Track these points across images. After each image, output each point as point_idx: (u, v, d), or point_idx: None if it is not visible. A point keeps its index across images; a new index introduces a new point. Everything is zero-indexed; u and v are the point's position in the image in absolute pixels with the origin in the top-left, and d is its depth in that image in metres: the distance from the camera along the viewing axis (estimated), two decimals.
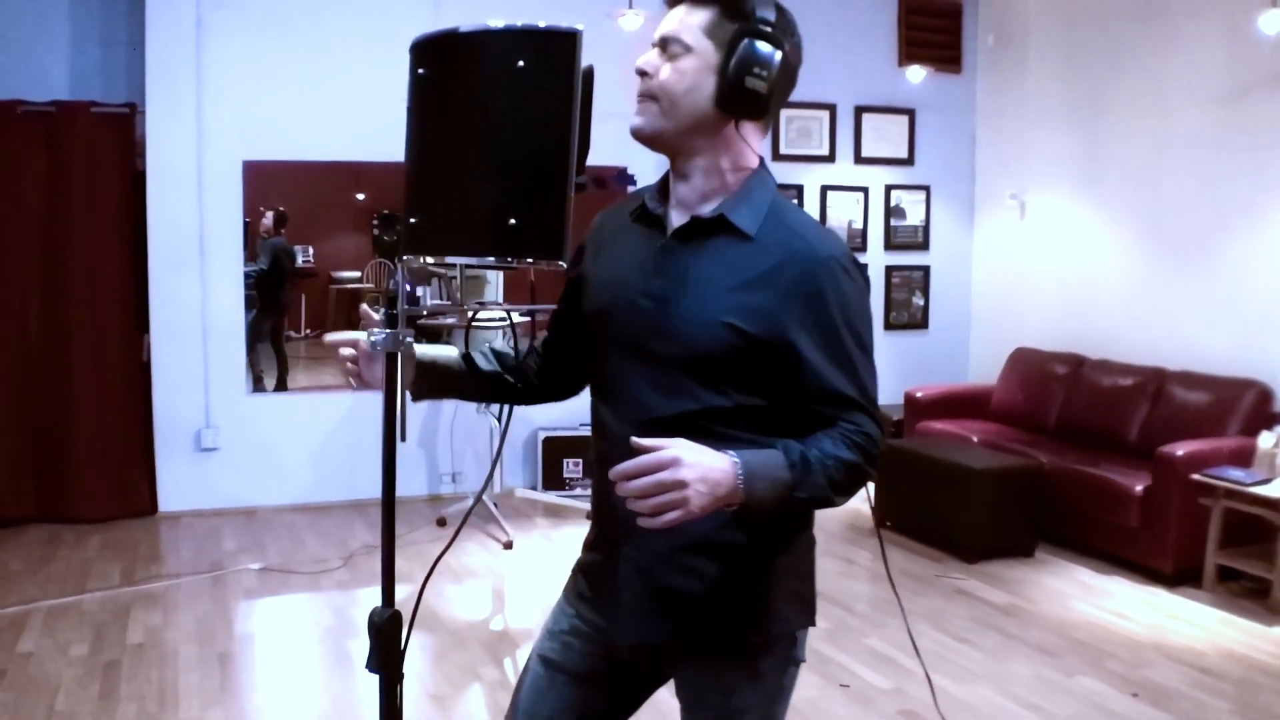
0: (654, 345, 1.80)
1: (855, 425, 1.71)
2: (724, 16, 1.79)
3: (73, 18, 6.46)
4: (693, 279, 1.79)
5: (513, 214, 1.62)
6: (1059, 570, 5.79)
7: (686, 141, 1.82)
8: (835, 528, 6.48)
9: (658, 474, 1.55)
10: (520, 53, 1.61)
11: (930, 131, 8.15)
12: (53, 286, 6.25)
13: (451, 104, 1.69)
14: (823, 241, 1.77)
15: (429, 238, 1.72)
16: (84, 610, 4.95)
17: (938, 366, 8.18)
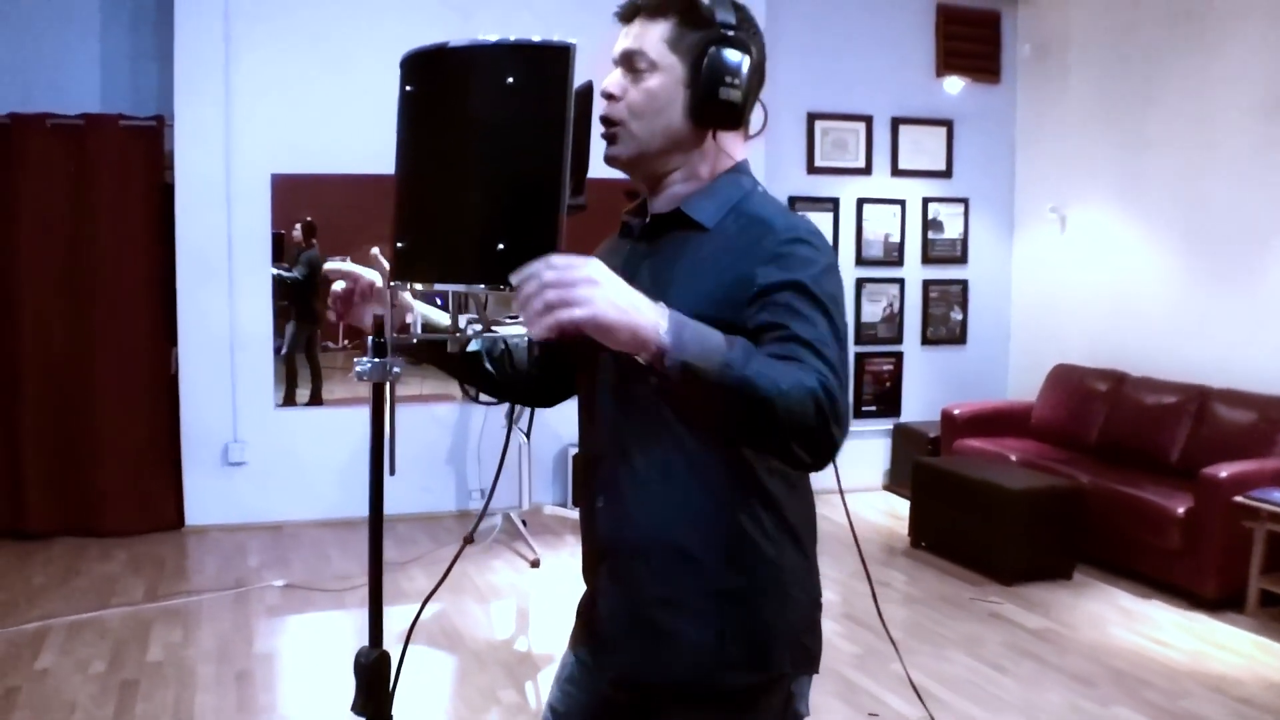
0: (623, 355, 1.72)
1: (814, 366, 1.48)
2: (684, 26, 1.71)
3: (103, 32, 6.46)
4: (650, 277, 1.71)
5: (502, 238, 1.53)
6: (1098, 594, 5.64)
7: (665, 160, 1.75)
8: (868, 548, 6.35)
9: (566, 270, 1.36)
10: (510, 69, 1.52)
11: (969, 143, 8.01)
12: (81, 299, 6.25)
13: (439, 122, 1.60)
14: (784, 221, 1.67)
15: (415, 263, 1.64)
16: (105, 626, 4.92)
17: (976, 383, 8.04)
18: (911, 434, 7.66)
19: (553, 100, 1.51)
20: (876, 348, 7.96)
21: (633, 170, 1.77)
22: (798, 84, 7.53)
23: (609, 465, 1.78)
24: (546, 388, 2.04)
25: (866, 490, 7.83)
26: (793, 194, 7.61)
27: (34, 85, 6.26)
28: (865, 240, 7.86)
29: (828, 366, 1.49)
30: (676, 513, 1.67)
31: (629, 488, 1.73)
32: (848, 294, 7.62)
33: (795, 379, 1.43)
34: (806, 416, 1.41)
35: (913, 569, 6.02)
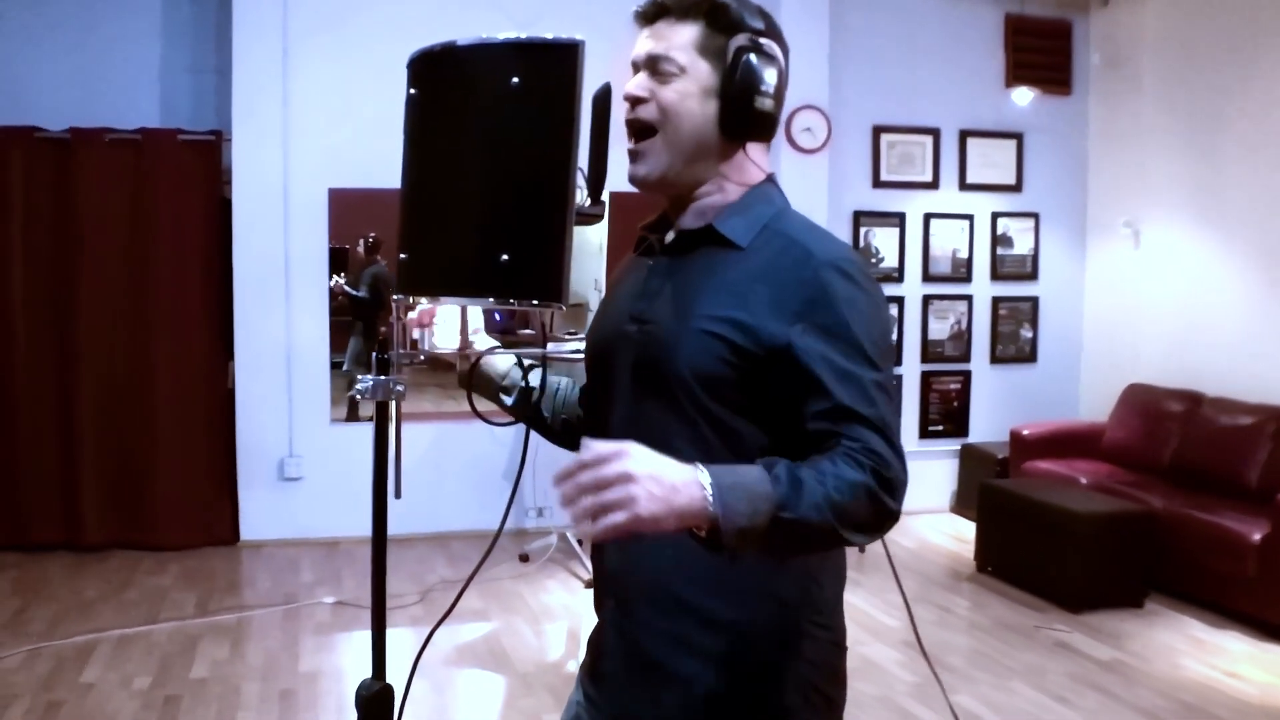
0: (641, 374, 1.61)
1: (860, 441, 1.42)
2: (713, 30, 1.60)
3: (163, 46, 6.49)
4: (676, 295, 1.60)
5: (505, 249, 1.43)
6: (1169, 623, 5.41)
7: (692, 174, 1.64)
8: (932, 572, 6.17)
9: (599, 468, 1.29)
10: (515, 68, 1.44)
11: (1039, 156, 7.80)
12: (138, 313, 6.27)
13: (443, 127, 1.52)
14: (821, 244, 1.56)
15: (420, 276, 1.55)
16: (152, 641, 4.89)
17: (1046, 403, 7.80)
18: (979, 455, 7.46)
19: (560, 101, 1.42)
20: (944, 366, 7.77)
21: (660, 190, 1.66)
22: (863, 96, 7.38)
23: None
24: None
25: (933, 512, 7.62)
26: (858, 208, 7.46)
27: (94, 100, 6.30)
28: (932, 256, 7.67)
29: (876, 434, 1.44)
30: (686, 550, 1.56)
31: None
32: (914, 312, 7.58)
33: (847, 483, 1.39)
34: (862, 514, 1.40)
35: (977, 594, 5.83)
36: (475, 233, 1.47)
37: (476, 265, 1.47)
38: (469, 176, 1.48)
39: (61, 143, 6.13)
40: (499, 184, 1.45)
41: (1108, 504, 5.82)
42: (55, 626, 5.03)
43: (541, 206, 1.43)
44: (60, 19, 6.36)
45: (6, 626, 5.02)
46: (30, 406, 6.19)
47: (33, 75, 6.33)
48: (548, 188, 1.42)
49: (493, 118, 1.45)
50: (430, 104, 1.52)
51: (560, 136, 1.42)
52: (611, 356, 1.68)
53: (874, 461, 1.41)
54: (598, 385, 1.73)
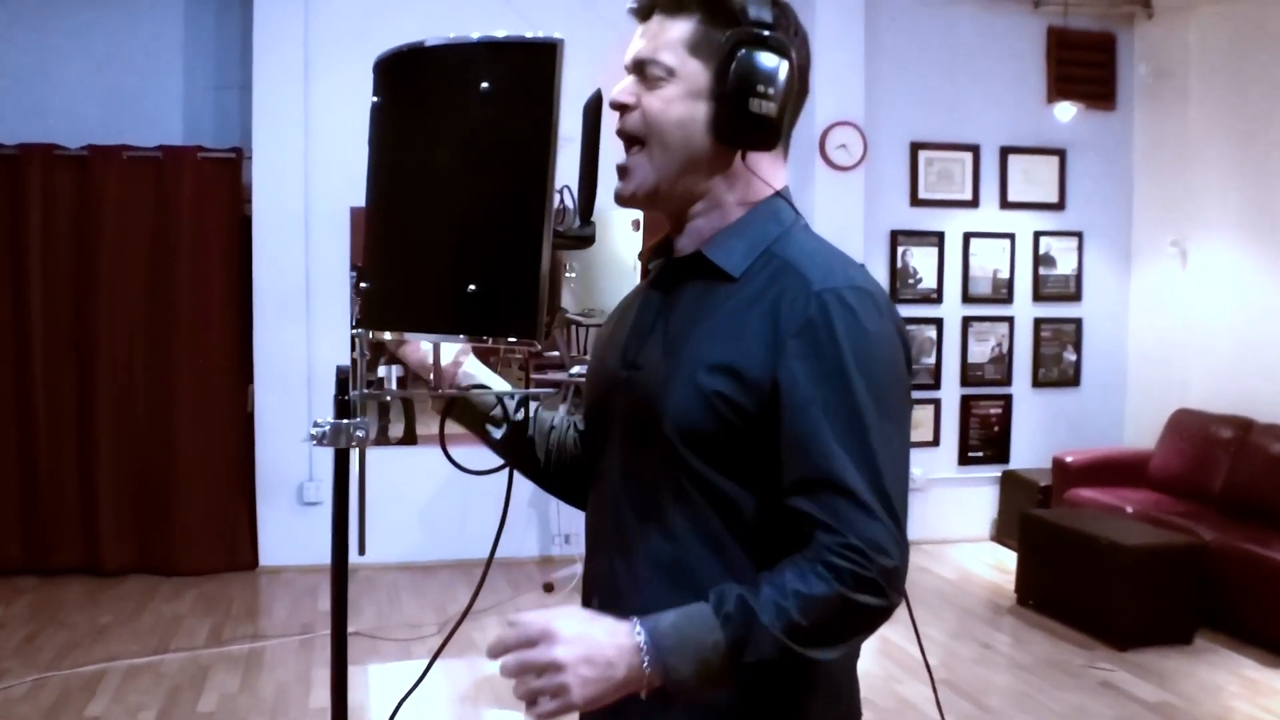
0: (633, 425, 1.44)
1: (838, 532, 1.25)
2: (709, 25, 1.41)
3: (186, 62, 6.40)
4: (666, 336, 1.43)
5: (473, 278, 1.26)
6: (1220, 661, 5.15)
7: (685, 189, 1.45)
8: (972, 604, 5.94)
9: (525, 654, 1.20)
10: (485, 71, 1.25)
11: (1082, 173, 7.56)
12: (158, 335, 6.16)
13: (408, 139, 1.34)
14: (822, 270, 1.37)
15: (384, 308, 1.38)
16: (162, 671, 4.76)
17: (1090, 428, 7.54)
18: (1021, 482, 7.21)
19: (535, 108, 1.24)
20: (984, 390, 7.53)
21: (649, 208, 1.49)
22: (900, 112, 7.18)
23: (606, 560, 1.49)
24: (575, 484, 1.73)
25: (973, 541, 7.38)
26: (895, 227, 7.26)
27: (116, 116, 6.22)
28: (972, 276, 7.45)
29: (863, 513, 1.26)
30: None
31: (627, 589, 1.44)
32: (953, 334, 7.35)
33: (814, 601, 1.24)
34: (834, 630, 1.27)
35: (1019, 630, 5.59)
36: (441, 260, 1.30)
37: (442, 297, 1.29)
38: (435, 196, 1.30)
39: (80, 160, 6.05)
40: (466, 204, 1.28)
41: (1155, 535, 5.58)
42: (65, 654, 4.91)
43: (514, 229, 1.25)
44: (82, 36, 6.28)
45: (16, 653, 4.91)
46: (49, 428, 6.09)
47: (55, 93, 6.25)
48: (521, 208, 1.24)
49: (460, 128, 1.28)
50: (395, 112, 1.35)
51: (535, 149, 1.24)
52: (607, 402, 1.52)
53: (853, 560, 1.24)
54: (595, 431, 1.56)
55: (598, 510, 1.55)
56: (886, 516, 1.27)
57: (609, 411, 1.51)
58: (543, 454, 1.73)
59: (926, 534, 7.25)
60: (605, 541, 1.51)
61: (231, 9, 6.43)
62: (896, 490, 1.29)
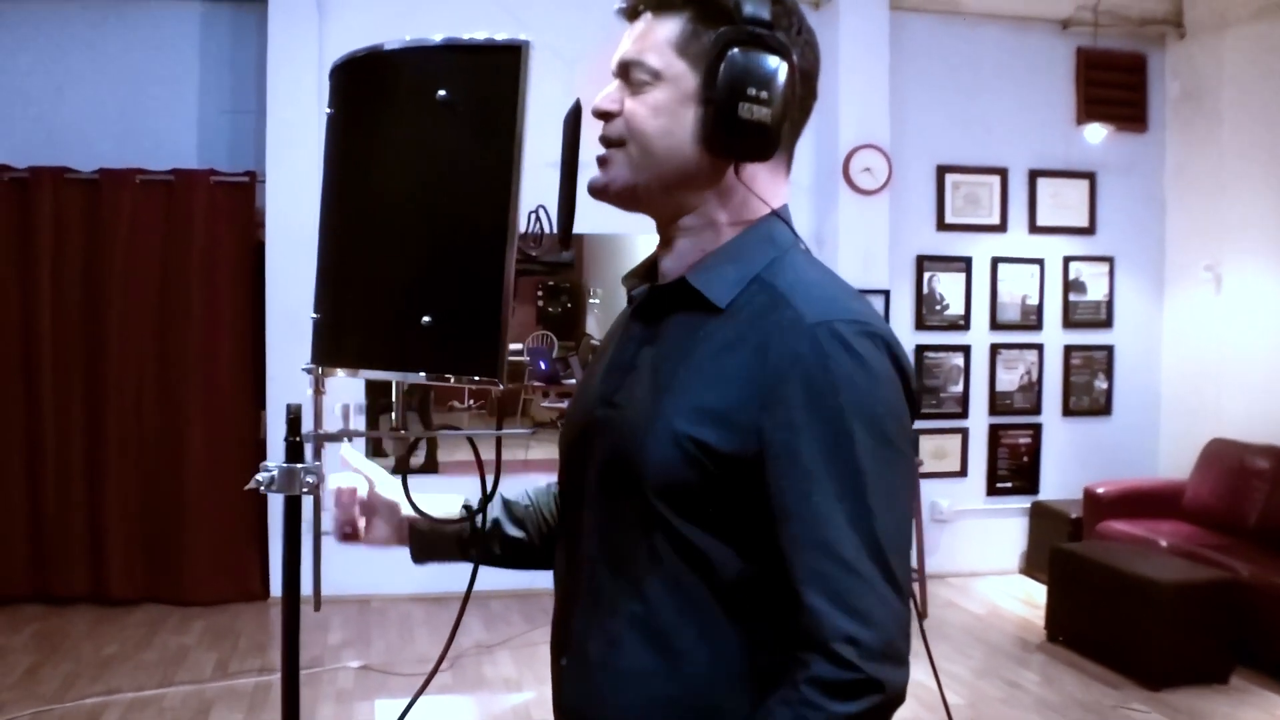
0: (610, 471, 1.30)
1: (823, 637, 1.13)
2: (699, 24, 1.28)
3: (201, 86, 6.35)
4: (648, 373, 1.29)
5: (427, 309, 1.13)
6: (1257, 701, 4.95)
7: (669, 199, 1.32)
8: (999, 640, 5.75)
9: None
10: (442, 78, 1.12)
11: (1113, 197, 7.39)
12: (169, 360, 6.08)
13: (362, 154, 1.22)
14: (817, 304, 1.23)
15: (335, 343, 1.25)
16: (164, 706, 4.64)
17: (1122, 458, 7.33)
18: (1051, 513, 7.02)
19: (497, 119, 1.11)
20: (1013, 419, 7.35)
21: (627, 204, 1.34)
22: (926, 134, 7.04)
23: (578, 620, 1.36)
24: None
25: (1001, 574, 7.18)
26: (921, 252, 7.10)
27: (130, 140, 6.16)
28: (1000, 303, 7.28)
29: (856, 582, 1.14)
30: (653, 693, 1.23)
31: (599, 656, 1.30)
32: (981, 361, 7.18)
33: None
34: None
35: (1048, 668, 5.39)
36: (394, 289, 1.17)
37: (395, 330, 1.16)
38: (388, 217, 1.17)
39: (92, 183, 5.98)
40: (422, 226, 1.15)
41: (1189, 570, 5.39)
42: (68, 687, 4.79)
43: (473, 255, 1.12)
44: (97, 59, 6.24)
45: (18, 685, 4.81)
46: (57, 453, 6.01)
47: (69, 116, 6.21)
48: (481, 231, 1.11)
49: (416, 141, 1.15)
50: (348, 124, 1.23)
51: (497, 164, 1.11)
52: (582, 444, 1.38)
53: (848, 665, 1.12)
54: (569, 477, 1.42)
55: (568, 565, 1.42)
56: (885, 586, 1.13)
57: (585, 456, 1.37)
58: (537, 537, 1.61)
59: (953, 567, 7.08)
60: (575, 601, 1.38)
61: (247, 33, 6.37)
62: (896, 554, 1.16)
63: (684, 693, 1.22)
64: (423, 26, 4.94)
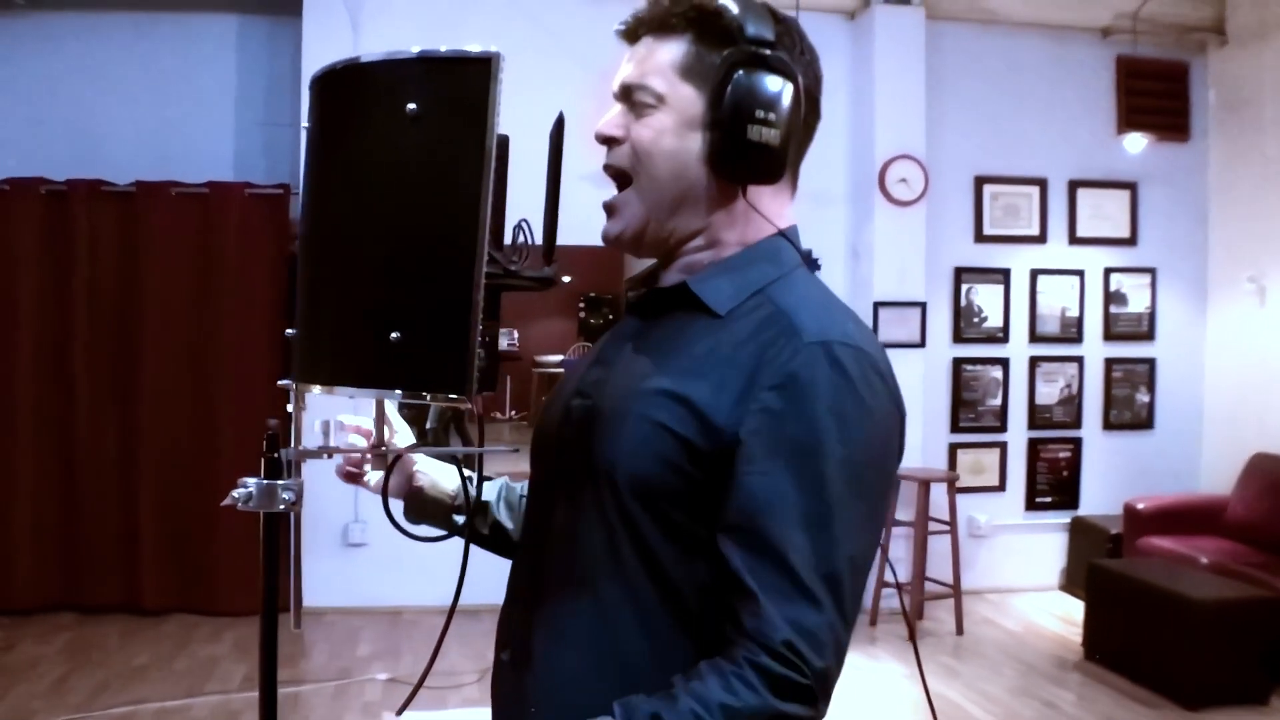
0: (578, 462, 1.27)
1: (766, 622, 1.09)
2: (703, 46, 1.27)
3: (237, 99, 6.41)
4: (629, 365, 1.28)
5: (396, 325, 1.11)
6: None
7: (677, 228, 1.31)
8: (1035, 658, 5.65)
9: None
10: (411, 92, 1.10)
11: (1155, 207, 7.28)
12: (202, 371, 6.11)
13: (336, 168, 1.20)
14: (815, 320, 1.20)
15: (311, 359, 1.23)
16: (192, 716, 4.66)
17: (1163, 473, 7.21)
18: (1090, 529, 6.91)
19: (466, 132, 1.08)
20: (1052, 433, 7.24)
21: (638, 252, 1.35)
22: (964, 145, 6.97)
23: (523, 614, 1.34)
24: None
25: (1039, 590, 7.07)
26: (959, 264, 7.03)
27: (166, 153, 6.23)
28: (1040, 315, 7.19)
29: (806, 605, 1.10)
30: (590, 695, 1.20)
31: (541, 653, 1.28)
32: (1019, 374, 7.08)
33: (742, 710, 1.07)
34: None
35: (1084, 687, 5.30)
36: (365, 305, 1.15)
37: (365, 346, 1.14)
38: (360, 232, 1.15)
39: (127, 196, 6.04)
40: (392, 241, 1.13)
41: (1229, 588, 5.28)
42: (96, 696, 4.82)
43: (443, 270, 1.09)
44: (134, 73, 6.33)
45: (48, 694, 4.84)
46: (91, 465, 6.06)
47: (106, 129, 6.29)
48: (451, 245, 1.09)
49: (387, 155, 1.13)
50: (324, 138, 1.21)
51: (466, 178, 1.08)
52: (553, 438, 1.37)
53: (788, 663, 1.08)
54: (540, 475, 1.41)
55: (523, 557, 1.41)
56: (832, 608, 1.10)
57: (557, 447, 1.36)
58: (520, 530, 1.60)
59: (991, 583, 6.99)
60: (523, 594, 1.37)
61: (282, 46, 6.42)
62: (850, 582, 1.12)
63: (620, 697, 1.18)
64: (455, 39, 4.96)
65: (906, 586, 6.18)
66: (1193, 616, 5.03)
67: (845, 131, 6.79)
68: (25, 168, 6.08)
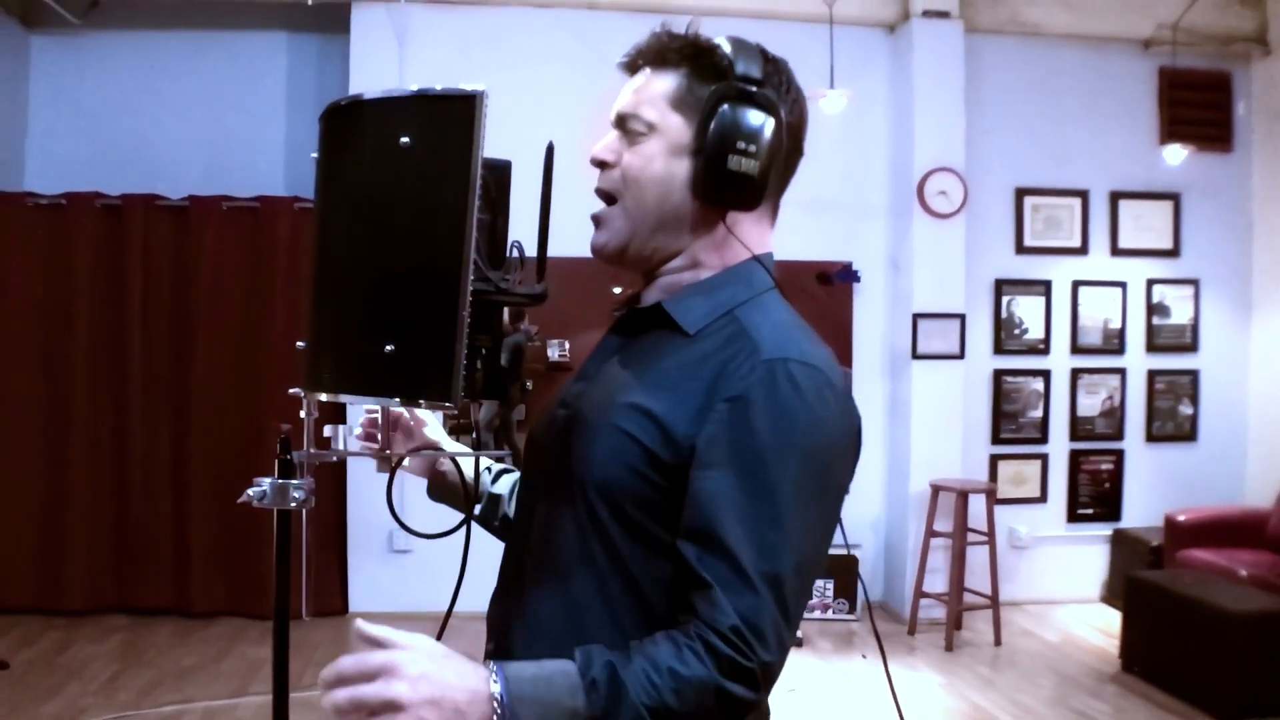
0: (558, 469, 1.37)
1: (723, 615, 1.16)
2: (695, 80, 1.37)
3: (287, 115, 6.61)
4: (607, 380, 1.37)
5: (390, 338, 1.21)
6: None
7: (659, 247, 1.41)
8: (1073, 669, 5.66)
9: (362, 686, 1.08)
10: (405, 127, 1.21)
11: (1198, 218, 7.25)
12: (252, 380, 6.26)
13: (340, 195, 1.31)
14: (775, 341, 1.29)
15: (318, 369, 1.34)
16: (238, 715, 4.80)
17: (1206, 486, 7.18)
18: (1131, 541, 6.90)
19: (453, 162, 1.19)
20: (1094, 444, 7.23)
21: (622, 263, 1.44)
22: (1004, 157, 6.99)
23: (506, 607, 1.46)
24: None
25: (1081, 603, 7.06)
26: (1000, 276, 7.04)
27: (218, 168, 6.44)
28: (1081, 326, 7.18)
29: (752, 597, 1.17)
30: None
31: (518, 638, 1.40)
32: (1061, 386, 7.07)
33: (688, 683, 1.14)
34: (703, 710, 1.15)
35: (1120, 699, 5.30)
36: (364, 319, 1.26)
37: (364, 357, 1.25)
38: (360, 253, 1.27)
39: (180, 210, 6.23)
40: (387, 261, 1.24)
41: (1267, 601, 5.24)
42: (146, 694, 4.98)
43: (431, 287, 1.20)
44: (186, 90, 6.55)
45: (100, 691, 5.00)
46: (144, 473, 6.26)
47: (161, 145, 6.51)
48: (438, 265, 1.20)
49: (383, 183, 1.24)
50: (330, 168, 1.32)
51: (453, 204, 1.19)
52: (540, 445, 1.48)
53: (736, 647, 1.16)
54: (527, 477, 1.52)
55: (509, 552, 1.53)
56: (774, 604, 1.18)
57: (541, 452, 1.47)
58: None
59: (1031, 594, 6.99)
60: (507, 587, 1.49)
61: (331, 63, 6.60)
62: (795, 582, 1.20)
63: None
64: (498, 55, 5.14)
65: (943, 596, 6.21)
66: (1229, 629, 5.02)
67: (885, 144, 6.85)
68: (82, 182, 6.31)
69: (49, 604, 6.15)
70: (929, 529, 6.28)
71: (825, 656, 5.85)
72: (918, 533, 6.43)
